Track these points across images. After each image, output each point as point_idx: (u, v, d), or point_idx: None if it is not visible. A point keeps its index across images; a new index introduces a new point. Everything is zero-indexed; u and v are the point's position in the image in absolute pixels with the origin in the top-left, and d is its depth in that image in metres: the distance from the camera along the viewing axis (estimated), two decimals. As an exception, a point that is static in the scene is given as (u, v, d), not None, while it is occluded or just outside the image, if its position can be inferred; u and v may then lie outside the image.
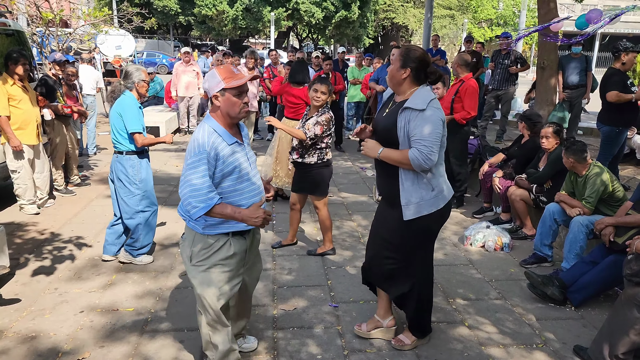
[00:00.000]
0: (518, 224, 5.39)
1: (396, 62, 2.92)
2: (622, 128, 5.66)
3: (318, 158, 4.43)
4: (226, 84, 2.50)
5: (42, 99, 5.78)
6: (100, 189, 6.59)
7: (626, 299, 3.06)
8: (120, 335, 3.34)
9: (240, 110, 2.58)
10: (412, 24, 32.54)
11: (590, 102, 8.14)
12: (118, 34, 12.68)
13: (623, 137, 5.76)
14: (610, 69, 5.67)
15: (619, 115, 5.60)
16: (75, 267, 4.34)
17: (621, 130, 5.67)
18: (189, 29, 34.54)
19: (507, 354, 3.26)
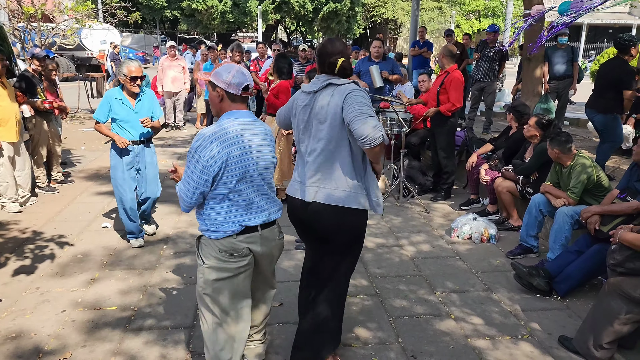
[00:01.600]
0: (504, 215, 5.40)
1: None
2: (615, 115, 5.68)
3: None
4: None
5: (22, 96, 5.68)
6: (84, 186, 6.50)
7: (610, 289, 3.06)
8: (102, 334, 3.29)
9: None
10: (401, 17, 32.49)
11: (577, 92, 8.16)
12: (102, 28, 12.53)
13: (619, 121, 5.80)
14: (619, 60, 5.59)
15: (615, 102, 5.58)
16: (58, 265, 4.27)
17: (616, 116, 5.70)
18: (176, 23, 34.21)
19: (493, 346, 3.26)
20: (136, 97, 4.42)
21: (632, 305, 2.95)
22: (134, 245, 4.63)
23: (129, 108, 4.38)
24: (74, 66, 18.42)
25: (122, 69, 4.28)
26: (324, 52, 2.69)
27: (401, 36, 36.59)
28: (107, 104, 4.35)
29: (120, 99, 4.35)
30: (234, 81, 2.39)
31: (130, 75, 4.25)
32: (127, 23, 12.91)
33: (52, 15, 11.04)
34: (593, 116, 5.77)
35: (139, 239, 4.68)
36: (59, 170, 6.58)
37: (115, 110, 4.35)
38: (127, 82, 4.29)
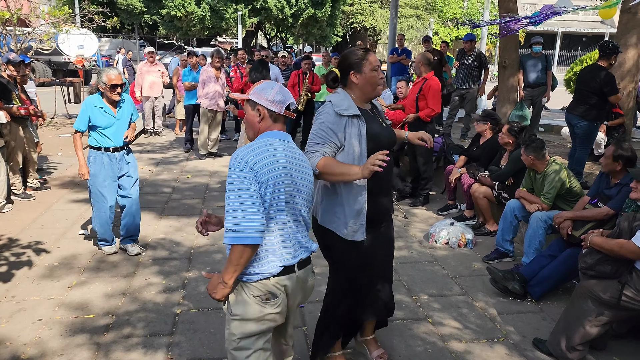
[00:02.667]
0: (481, 220, 5.50)
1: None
2: (598, 122, 5.78)
3: None
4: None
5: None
6: (61, 193, 6.42)
7: (581, 292, 3.15)
8: (81, 342, 3.27)
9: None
10: (379, 25, 32.79)
11: (550, 99, 8.35)
12: (80, 33, 12.38)
13: (598, 130, 5.91)
14: (600, 67, 5.60)
15: (599, 111, 5.63)
16: (34, 273, 4.22)
17: (598, 124, 5.79)
18: (155, 28, 33.96)
19: (469, 349, 3.32)
20: (117, 105, 4.40)
21: (603, 307, 3.04)
22: (107, 252, 4.60)
23: (110, 116, 4.36)
24: (51, 71, 18.19)
25: (102, 77, 4.25)
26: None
27: (380, 43, 36.90)
28: (86, 112, 4.29)
29: (101, 107, 4.32)
30: (277, 98, 2.15)
31: (110, 84, 4.23)
32: (105, 28, 12.78)
33: (28, 19, 10.89)
34: (577, 122, 5.72)
35: (112, 246, 4.64)
36: (34, 176, 6.49)
37: (96, 118, 4.30)
38: (107, 90, 4.26)
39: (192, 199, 6.33)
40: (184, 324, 3.50)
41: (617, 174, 3.88)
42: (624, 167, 3.81)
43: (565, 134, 8.10)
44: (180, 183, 7.06)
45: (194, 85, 8.87)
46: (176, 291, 3.97)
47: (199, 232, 2.30)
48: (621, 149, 3.80)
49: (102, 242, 4.63)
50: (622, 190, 3.77)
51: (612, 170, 3.87)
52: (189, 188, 6.81)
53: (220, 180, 7.16)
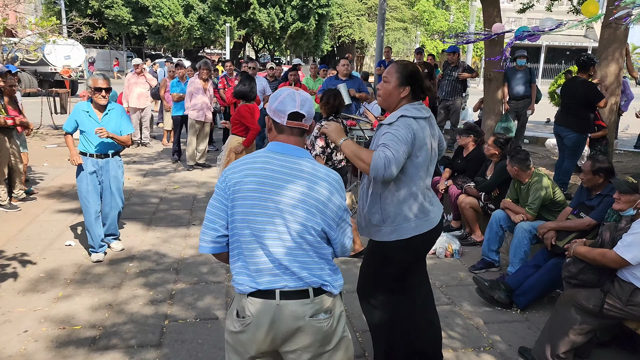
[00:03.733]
0: (467, 231, 5.56)
1: (395, 79, 2.66)
2: (587, 134, 5.97)
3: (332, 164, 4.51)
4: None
5: None
6: (47, 204, 6.37)
7: (565, 300, 3.20)
8: (67, 353, 3.24)
9: None
10: (367, 38, 33.12)
11: (535, 112, 8.48)
12: (67, 43, 12.34)
13: (586, 142, 6.09)
14: (582, 80, 5.80)
15: (588, 122, 5.82)
16: (20, 284, 4.18)
17: (587, 135, 5.99)
18: (143, 38, 33.95)
19: (457, 357, 3.35)
20: (103, 111, 4.51)
21: (586, 315, 3.09)
22: (92, 260, 4.65)
23: (94, 121, 4.47)
24: (37, 81, 18.07)
25: (88, 82, 4.45)
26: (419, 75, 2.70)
27: (368, 55, 37.22)
28: (73, 116, 4.50)
29: (87, 111, 4.48)
30: (278, 107, 1.98)
31: (95, 87, 4.40)
32: (93, 39, 12.76)
33: (15, 30, 10.85)
34: (566, 134, 5.84)
35: (99, 253, 4.68)
36: (21, 187, 6.44)
37: (82, 122, 4.47)
38: (91, 93, 4.45)
39: (180, 210, 6.32)
40: (171, 335, 3.49)
41: (599, 187, 3.96)
42: (606, 178, 3.90)
43: (550, 146, 8.24)
44: (168, 194, 7.04)
45: (181, 97, 8.88)
46: (164, 302, 3.96)
47: None
48: (598, 162, 3.91)
49: (90, 249, 4.71)
50: (603, 201, 3.86)
51: (595, 184, 3.96)
52: (177, 199, 6.79)
53: (208, 191, 7.15)
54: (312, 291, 1.94)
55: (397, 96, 2.68)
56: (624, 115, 9.01)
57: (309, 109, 2.01)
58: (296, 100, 1.98)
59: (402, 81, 2.65)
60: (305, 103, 2.00)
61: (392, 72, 2.68)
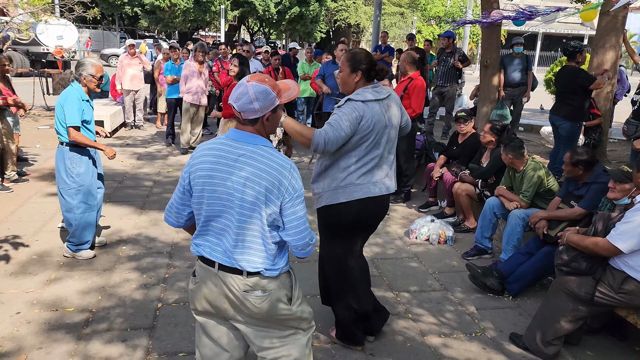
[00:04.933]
0: (461, 217, 5.57)
1: (346, 68, 2.97)
2: (582, 122, 5.99)
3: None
4: (280, 100, 2.13)
5: None
6: (39, 186, 6.33)
7: (557, 288, 3.23)
8: (59, 336, 3.24)
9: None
10: (363, 22, 32.87)
11: (530, 99, 8.47)
12: (59, 23, 12.16)
13: (581, 130, 6.11)
14: (570, 67, 5.89)
15: (581, 110, 5.85)
16: (12, 266, 4.16)
17: (581, 124, 6.02)
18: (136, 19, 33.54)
19: (447, 343, 3.38)
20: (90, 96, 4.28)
21: (577, 303, 3.12)
22: (89, 257, 4.34)
23: (92, 108, 4.26)
24: (29, 62, 17.84)
25: (88, 69, 4.09)
26: (372, 60, 3.00)
27: (364, 40, 36.98)
28: (80, 107, 4.07)
29: (87, 100, 4.16)
30: (230, 97, 2.09)
31: (99, 75, 4.13)
32: (85, 19, 12.58)
33: (6, 8, 10.67)
34: (560, 123, 5.95)
35: (92, 250, 4.44)
36: (12, 168, 6.38)
37: (85, 112, 4.13)
38: (93, 81, 4.12)
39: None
40: (164, 318, 3.49)
41: (581, 177, 3.98)
42: (585, 170, 3.92)
43: (545, 134, 8.25)
44: (162, 177, 7.01)
45: (176, 79, 8.79)
46: (157, 285, 3.96)
47: None
48: (577, 155, 3.93)
49: (81, 246, 4.33)
50: (590, 189, 3.90)
51: (575, 175, 3.99)
52: (171, 182, 6.76)
53: (202, 174, 7.11)
54: (245, 272, 2.08)
55: (352, 82, 2.99)
56: (619, 104, 9.01)
57: (242, 105, 2.03)
58: (235, 93, 2.07)
59: (353, 68, 2.96)
60: (242, 98, 2.03)
61: (344, 62, 2.99)
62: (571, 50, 5.90)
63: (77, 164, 4.18)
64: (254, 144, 2.06)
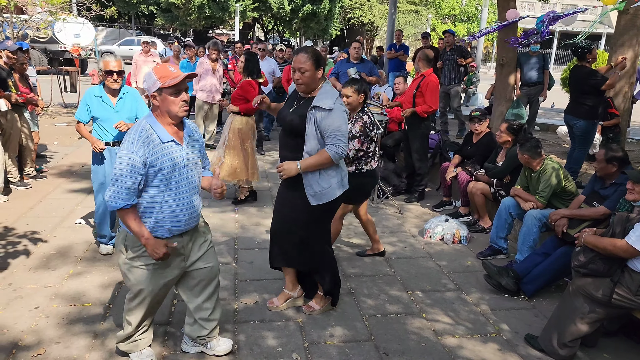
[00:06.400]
0: (476, 217, 5.54)
1: (311, 66, 3.09)
2: (596, 121, 5.94)
3: (356, 168, 4.17)
4: (162, 84, 2.55)
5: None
6: (58, 182, 6.42)
7: (574, 290, 3.20)
8: (77, 330, 3.29)
9: (180, 109, 2.61)
10: (377, 20, 32.75)
11: (547, 98, 8.38)
12: (76, 21, 12.30)
13: (596, 130, 6.04)
14: (582, 67, 5.86)
15: (595, 109, 5.80)
16: (31, 262, 4.23)
17: (595, 123, 5.96)
18: (152, 17, 33.79)
19: (462, 344, 3.37)
20: (117, 95, 4.19)
21: (594, 305, 3.09)
22: (106, 252, 4.42)
23: (109, 106, 4.15)
24: (47, 59, 18.07)
25: (99, 64, 4.15)
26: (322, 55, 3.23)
27: (377, 38, 36.85)
28: (85, 102, 4.17)
29: (100, 96, 4.13)
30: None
31: (105, 69, 4.06)
32: (103, 17, 12.72)
33: (25, 7, 10.82)
34: (574, 123, 5.91)
35: (109, 245, 4.48)
36: (31, 165, 6.48)
37: (95, 108, 4.14)
38: (102, 76, 4.13)
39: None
40: (180, 315, 3.52)
41: (612, 175, 3.92)
42: (619, 167, 3.86)
43: (561, 133, 8.16)
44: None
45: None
46: (172, 282, 3.99)
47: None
48: (612, 151, 3.87)
49: (101, 239, 4.48)
50: (617, 190, 3.82)
51: (608, 173, 3.92)
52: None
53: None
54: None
55: (316, 80, 3.15)
56: (638, 103, 8.87)
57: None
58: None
59: (317, 65, 3.11)
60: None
61: (305, 61, 3.08)
62: (580, 52, 5.84)
63: (94, 159, 4.32)
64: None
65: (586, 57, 5.85)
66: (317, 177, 3.19)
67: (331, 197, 3.24)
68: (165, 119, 2.63)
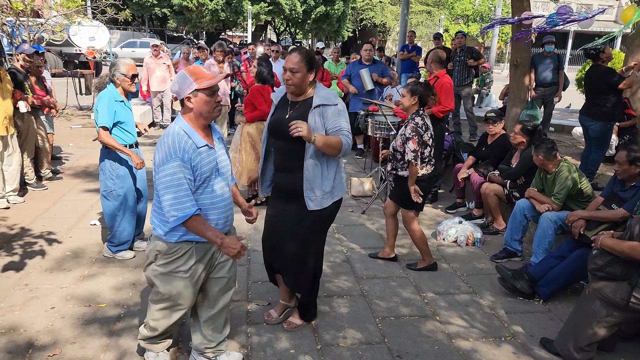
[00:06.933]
0: (490, 219, 5.50)
1: (303, 67, 2.98)
2: (612, 123, 5.87)
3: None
4: (199, 85, 2.50)
5: (19, 92, 5.65)
6: (73, 183, 6.49)
7: (590, 293, 3.15)
8: (92, 331, 3.31)
9: (214, 110, 2.59)
10: (389, 21, 32.68)
11: (562, 99, 8.30)
12: (91, 25, 12.44)
13: (612, 131, 5.99)
14: (598, 67, 5.81)
15: (612, 111, 5.73)
16: (47, 262, 4.28)
17: (612, 125, 5.90)
18: (165, 20, 34.03)
19: (476, 347, 3.34)
20: (127, 97, 4.27)
21: (612, 308, 3.04)
22: (129, 257, 4.38)
23: (129, 109, 4.23)
24: (62, 62, 18.28)
25: (120, 68, 4.08)
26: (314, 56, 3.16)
27: (390, 39, 36.75)
28: (111, 108, 4.06)
29: (122, 101, 4.14)
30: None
31: (132, 74, 4.11)
32: (117, 20, 12.84)
33: (41, 11, 10.96)
34: (590, 124, 5.85)
35: (132, 250, 4.48)
36: (47, 167, 6.56)
37: (120, 113, 4.11)
38: (125, 81, 4.11)
39: (202, 192, 6.36)
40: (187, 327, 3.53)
41: (634, 177, 3.87)
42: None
43: (577, 134, 8.07)
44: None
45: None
46: (186, 283, 4.01)
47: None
48: (634, 152, 3.80)
49: (121, 247, 4.37)
50: (638, 193, 3.76)
51: (631, 174, 3.86)
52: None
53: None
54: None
55: (307, 82, 3.05)
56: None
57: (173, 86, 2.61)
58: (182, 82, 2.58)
59: (309, 67, 3.02)
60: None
61: (298, 62, 2.97)
62: (593, 53, 5.78)
63: (117, 166, 4.17)
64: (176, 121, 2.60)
65: (599, 57, 5.79)
66: (320, 178, 3.06)
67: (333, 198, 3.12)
68: (198, 122, 2.58)
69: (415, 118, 4.12)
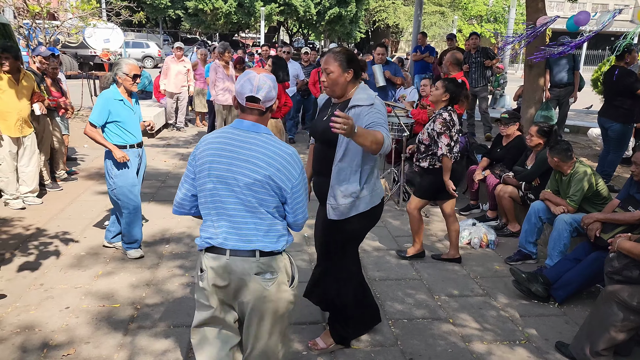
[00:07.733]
0: (504, 221, 5.44)
1: (337, 67, 2.82)
2: (632, 124, 5.81)
3: (429, 163, 4.21)
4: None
5: (38, 94, 5.72)
6: (88, 184, 6.55)
7: (607, 296, 3.11)
8: (106, 330, 3.34)
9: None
10: (402, 22, 32.60)
11: (577, 100, 8.21)
12: (106, 27, 12.55)
13: (631, 132, 5.94)
14: (618, 68, 5.74)
15: (631, 112, 5.68)
16: (62, 262, 4.32)
17: (631, 126, 5.84)
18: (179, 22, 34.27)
19: (490, 350, 3.31)
20: (132, 97, 4.29)
21: (629, 312, 3.00)
22: (134, 256, 4.41)
23: (130, 109, 4.23)
24: (77, 64, 18.48)
25: (122, 68, 4.12)
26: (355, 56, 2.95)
27: (402, 40, 36.66)
28: (106, 106, 4.08)
29: (121, 100, 4.15)
30: (238, 89, 2.22)
31: (133, 73, 4.13)
32: (131, 22, 12.95)
33: (57, 13, 11.09)
34: (609, 125, 5.80)
35: (140, 249, 4.50)
36: (62, 168, 6.63)
37: (117, 112, 4.13)
38: (127, 80, 4.14)
39: (215, 193, 6.38)
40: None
41: None
42: None
43: (592, 136, 7.97)
44: (203, 177, 7.12)
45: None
46: (199, 284, 4.02)
47: None
48: None
49: (131, 245, 4.43)
50: (655, 195, 3.71)
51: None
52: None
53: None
54: (258, 253, 2.19)
55: (343, 82, 2.86)
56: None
57: (266, 93, 2.19)
58: (253, 84, 2.18)
59: (345, 66, 2.84)
60: (262, 87, 2.18)
61: (331, 62, 2.84)
62: (618, 53, 5.71)
63: (115, 164, 4.22)
64: (256, 132, 2.20)
65: (625, 57, 5.72)
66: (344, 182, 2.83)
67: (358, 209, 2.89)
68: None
69: (442, 113, 4.17)
